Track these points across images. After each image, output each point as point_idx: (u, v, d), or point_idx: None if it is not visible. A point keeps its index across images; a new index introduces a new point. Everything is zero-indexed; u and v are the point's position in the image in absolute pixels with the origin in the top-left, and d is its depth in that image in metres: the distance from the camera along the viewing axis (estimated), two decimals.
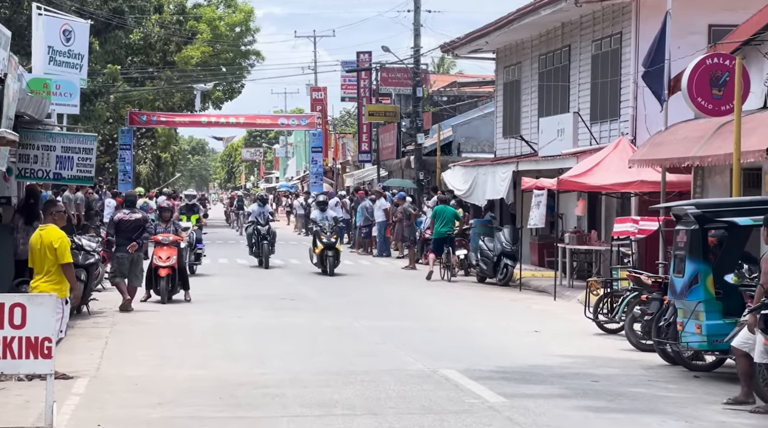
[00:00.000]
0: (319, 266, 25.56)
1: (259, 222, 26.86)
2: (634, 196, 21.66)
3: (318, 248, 25.36)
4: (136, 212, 18.25)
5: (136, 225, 17.88)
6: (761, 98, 17.56)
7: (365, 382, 11.29)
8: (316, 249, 25.49)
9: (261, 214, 27.32)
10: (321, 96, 57.85)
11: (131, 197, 19.35)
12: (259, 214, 27.33)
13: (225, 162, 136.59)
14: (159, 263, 18.56)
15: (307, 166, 66.36)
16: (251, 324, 16.24)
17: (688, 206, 12.47)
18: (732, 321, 11.61)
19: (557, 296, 20.75)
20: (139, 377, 11.60)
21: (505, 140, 31.45)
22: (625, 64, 23.44)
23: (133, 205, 18.80)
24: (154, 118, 49.59)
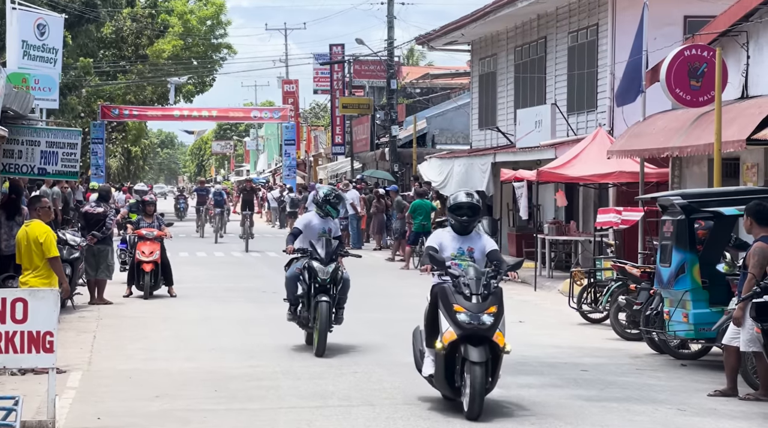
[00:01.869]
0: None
1: (316, 254, 12.81)
2: (612, 187, 21.85)
3: None
4: (100, 206, 18.18)
5: (98, 218, 17.82)
6: (738, 89, 17.74)
7: (358, 374, 11.36)
8: None
9: (323, 233, 13.06)
10: (293, 89, 57.82)
11: (103, 191, 19.36)
12: (320, 233, 13.05)
13: (195, 155, 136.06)
14: (142, 258, 18.49)
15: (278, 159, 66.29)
16: (238, 317, 16.26)
17: (674, 197, 12.62)
18: (718, 309, 11.77)
19: (537, 287, 20.89)
20: (132, 370, 11.61)
21: (481, 131, 31.58)
22: (601, 56, 23.61)
23: (104, 199, 18.76)
24: (126, 112, 49.38)
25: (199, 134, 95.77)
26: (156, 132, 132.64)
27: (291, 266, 13.05)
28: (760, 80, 17.38)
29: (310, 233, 12.84)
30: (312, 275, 12.53)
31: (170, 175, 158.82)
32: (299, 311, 12.81)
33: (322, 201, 13.12)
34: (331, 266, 12.54)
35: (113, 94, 50.80)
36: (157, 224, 19.19)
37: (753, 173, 17.59)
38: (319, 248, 12.66)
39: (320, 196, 13.23)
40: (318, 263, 12.56)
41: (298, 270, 12.74)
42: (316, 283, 12.51)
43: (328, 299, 12.40)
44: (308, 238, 12.85)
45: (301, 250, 12.72)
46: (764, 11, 17.02)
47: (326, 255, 12.64)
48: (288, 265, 13.18)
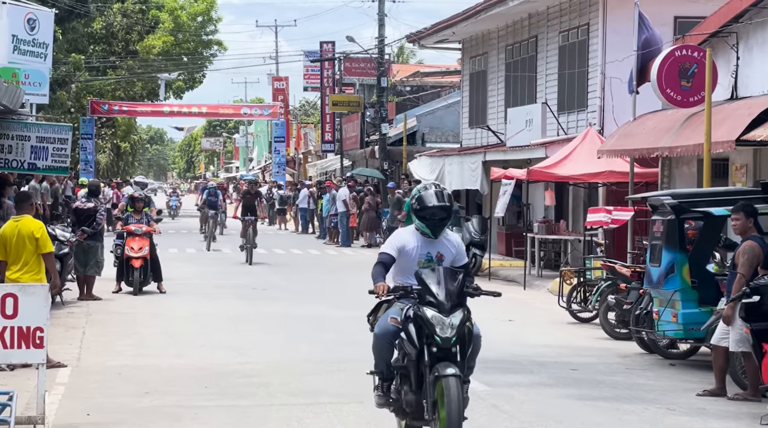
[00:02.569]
0: None
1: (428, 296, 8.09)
2: (602, 186, 21.89)
3: None
4: (90, 201, 18.12)
5: (88, 214, 17.76)
6: (728, 90, 17.80)
7: (348, 371, 11.36)
8: None
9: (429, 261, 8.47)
10: (283, 86, 57.76)
11: (93, 186, 19.30)
12: (423, 261, 8.43)
13: (184, 152, 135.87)
14: (131, 253, 18.41)
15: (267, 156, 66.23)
16: (227, 313, 16.25)
17: (664, 196, 12.65)
18: (707, 309, 11.82)
19: (527, 286, 20.93)
20: (122, 366, 11.60)
21: (471, 130, 31.60)
22: (592, 55, 23.64)
23: (95, 194, 18.70)
24: (116, 107, 49.31)
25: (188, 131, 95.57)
26: (145, 128, 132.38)
27: (382, 316, 8.14)
28: (749, 81, 17.44)
29: (407, 261, 8.11)
30: (422, 332, 7.72)
31: (159, 171, 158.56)
32: (398, 391, 8.13)
33: (430, 208, 7.97)
34: (457, 316, 7.68)
35: (103, 90, 50.64)
36: (146, 219, 19.09)
37: (742, 174, 17.65)
38: (432, 285, 7.76)
39: (426, 198, 7.99)
40: (433, 310, 7.66)
41: (396, 323, 7.92)
42: (433, 345, 7.66)
43: (455, 371, 7.64)
44: (405, 269, 8.13)
45: (400, 290, 7.94)
46: (754, 13, 17.08)
47: (447, 296, 7.72)
48: (374, 312, 8.29)
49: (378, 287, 7.91)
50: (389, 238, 8.33)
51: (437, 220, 7.98)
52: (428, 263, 8.04)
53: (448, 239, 8.20)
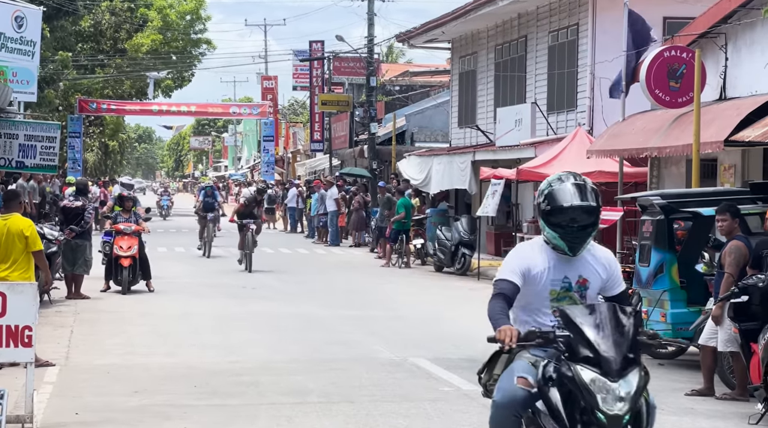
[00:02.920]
0: None
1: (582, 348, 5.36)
2: None
3: None
4: (78, 200, 18.06)
5: (76, 212, 17.71)
6: (717, 90, 17.86)
7: (337, 370, 11.36)
8: None
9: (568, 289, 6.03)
10: (272, 85, 57.75)
11: (81, 185, 19.23)
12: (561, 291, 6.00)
13: (173, 151, 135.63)
14: (120, 252, 18.34)
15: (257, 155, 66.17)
16: (216, 312, 16.23)
17: (653, 197, 12.69)
18: (696, 309, 11.86)
19: None
20: (110, 365, 11.57)
21: (460, 129, 31.63)
22: (582, 56, 23.69)
23: (83, 193, 18.62)
24: (104, 106, 49.19)
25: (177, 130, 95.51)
26: (133, 127, 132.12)
27: (503, 374, 5.71)
28: (737, 82, 17.50)
29: (533, 290, 5.73)
30: (573, 404, 5.22)
31: (148, 170, 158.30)
32: None
33: (569, 211, 5.58)
34: (630, 381, 5.20)
35: (91, 88, 50.49)
36: (135, 218, 19.02)
37: (730, 174, 17.71)
38: (588, 330, 5.24)
39: (562, 196, 5.63)
40: (593, 370, 5.16)
41: (526, 386, 5.49)
42: (593, 425, 5.13)
43: None
44: (531, 302, 5.79)
45: (538, 336, 5.43)
46: (742, 14, 17.14)
47: (614, 349, 5.22)
48: (488, 367, 5.96)
49: (502, 333, 5.32)
50: (507, 257, 5.79)
51: (577, 229, 5.52)
52: (566, 293, 5.66)
53: (595, 255, 5.72)
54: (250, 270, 22.98)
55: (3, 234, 10.99)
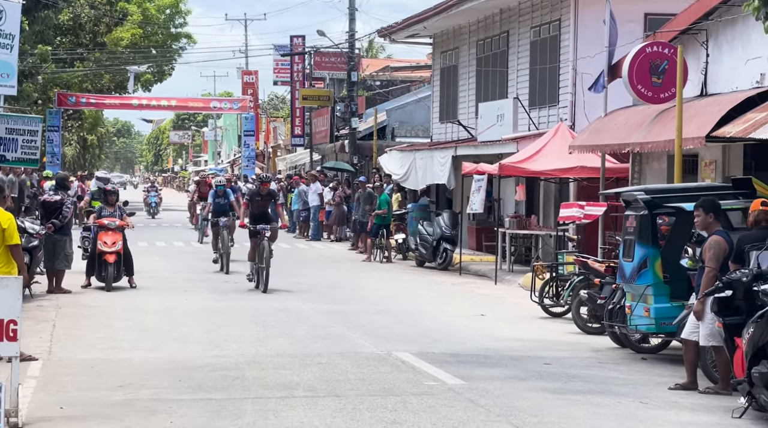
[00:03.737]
0: None
1: None
2: (572, 181, 21.99)
3: None
4: (57, 194, 17.92)
5: (55, 207, 17.57)
6: (698, 86, 17.93)
7: (322, 365, 11.35)
8: None
9: None
10: (252, 80, 57.63)
11: (59, 179, 19.09)
12: None
13: (152, 145, 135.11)
14: (104, 248, 18.02)
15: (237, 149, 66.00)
16: (199, 307, 16.19)
17: (637, 192, 12.72)
18: (679, 304, 11.91)
19: (498, 281, 20.99)
20: (94, 360, 11.51)
21: (441, 124, 31.65)
22: (564, 51, 23.74)
23: (63, 187, 18.45)
24: (84, 99, 48.98)
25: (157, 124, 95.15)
26: (112, 121, 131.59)
27: None
28: (718, 78, 17.58)
29: None
30: None
31: (126, 164, 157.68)
32: None
33: None
34: None
35: (70, 82, 50.23)
36: (119, 213, 18.75)
37: (711, 170, 17.79)
38: None
39: None
40: None
41: None
42: None
43: None
44: None
45: None
46: (723, 10, 17.20)
47: None
48: None
49: None
50: None
51: None
52: None
53: None
54: (266, 290, 18.15)
55: None
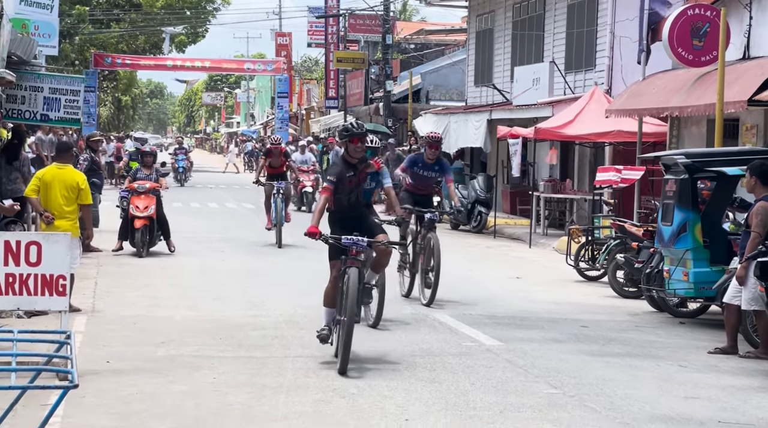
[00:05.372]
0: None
1: None
2: (608, 145, 21.89)
3: None
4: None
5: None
6: (740, 49, 17.78)
7: (361, 325, 11.41)
8: None
9: None
10: (286, 41, 57.58)
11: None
12: None
13: (184, 106, 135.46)
14: (136, 213, 17.26)
15: (270, 111, 66.07)
16: (237, 267, 16.31)
17: (677, 156, 12.66)
18: (719, 268, 11.88)
19: (532, 244, 20.99)
20: (136, 317, 11.67)
21: (476, 88, 31.54)
22: (601, 14, 23.55)
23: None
24: (119, 60, 49.14)
25: (190, 85, 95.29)
26: (146, 82, 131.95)
27: None
28: (761, 41, 17.41)
29: None
30: None
31: (159, 125, 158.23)
32: None
33: None
34: None
35: (106, 43, 50.44)
36: (155, 176, 18.07)
37: (752, 134, 17.66)
38: None
39: None
40: None
41: None
42: None
43: None
44: None
45: None
46: None
47: None
48: None
49: None
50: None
51: None
52: None
53: None
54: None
55: (55, 182, 11.15)
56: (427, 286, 12.93)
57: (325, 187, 9.49)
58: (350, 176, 9.58)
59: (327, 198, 9.39)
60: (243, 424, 7.37)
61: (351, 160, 9.66)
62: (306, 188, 28.10)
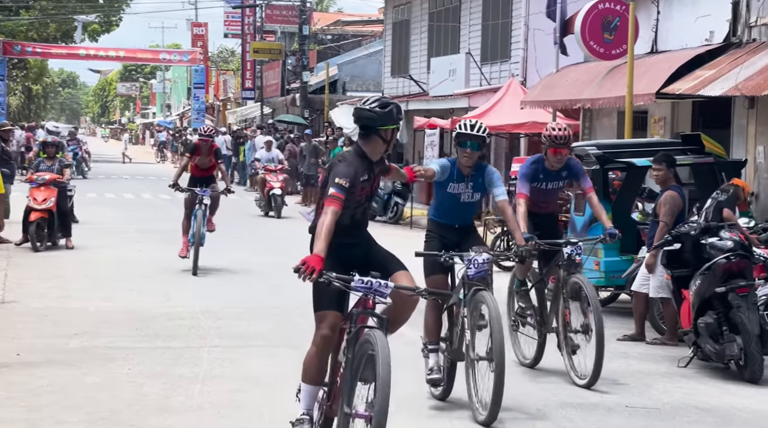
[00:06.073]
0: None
1: None
2: (523, 137, 22.17)
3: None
4: None
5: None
6: (649, 43, 18.16)
7: (278, 315, 11.45)
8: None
9: None
10: (202, 32, 57.08)
11: (2, 129, 18.74)
12: None
13: (98, 96, 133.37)
14: (33, 205, 16.49)
15: (186, 102, 65.46)
16: (152, 258, 16.17)
17: (589, 147, 12.90)
18: (628, 257, 12.13)
19: None
20: (47, 308, 11.51)
21: (393, 79, 31.66)
22: (516, 6, 23.83)
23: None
24: (29, 49, 48.26)
25: (104, 75, 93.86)
26: (57, 71, 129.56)
27: None
28: (668, 35, 17.81)
29: None
30: None
31: (72, 115, 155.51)
32: None
33: None
34: None
35: (15, 31, 49.43)
36: (59, 166, 17.39)
37: (660, 126, 18.06)
38: None
39: None
40: None
41: None
42: None
43: None
44: None
45: None
46: None
47: None
48: None
49: None
50: None
51: None
52: None
53: None
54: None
55: None
56: (572, 351, 8.90)
57: (334, 196, 6.09)
58: (363, 182, 6.32)
59: (337, 213, 6.06)
60: (159, 415, 7.35)
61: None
62: (274, 190, 24.41)
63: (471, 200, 8.11)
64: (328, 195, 6.11)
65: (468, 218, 8.22)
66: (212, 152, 15.08)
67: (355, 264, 6.17)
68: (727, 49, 15.94)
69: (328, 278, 5.80)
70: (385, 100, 6.44)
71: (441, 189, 8.15)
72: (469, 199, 8.09)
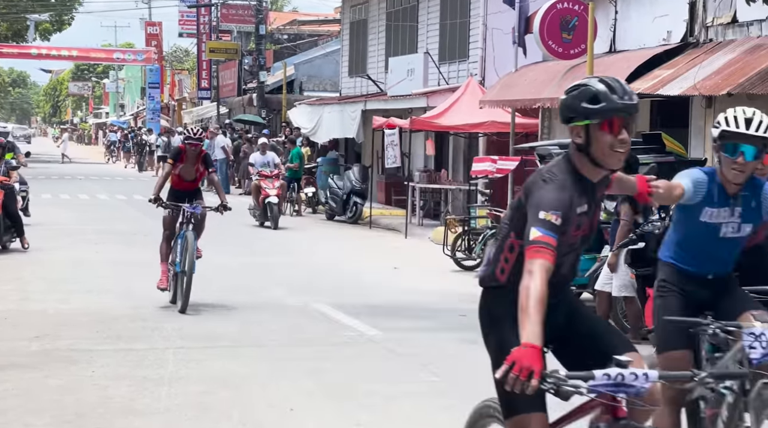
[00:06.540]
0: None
1: None
2: (482, 136, 22.22)
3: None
4: None
5: None
6: (607, 43, 18.26)
7: (242, 316, 11.36)
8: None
9: None
10: (156, 31, 56.69)
11: None
12: None
13: (49, 96, 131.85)
14: None
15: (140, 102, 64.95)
16: (111, 259, 16.00)
17: (552, 146, 12.94)
18: (591, 256, 12.17)
19: (408, 235, 21.15)
20: (6, 311, 11.33)
21: (351, 79, 31.61)
22: (474, 6, 23.86)
23: None
24: None
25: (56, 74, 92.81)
26: (7, 71, 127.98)
27: None
28: (626, 35, 17.92)
29: None
30: None
31: (23, 115, 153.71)
32: None
33: None
34: None
35: None
36: (4, 169, 16.96)
37: None
38: None
39: None
40: None
41: None
42: None
43: None
44: None
45: None
46: None
47: None
48: None
49: None
50: None
51: None
52: None
53: None
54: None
55: None
56: None
57: (542, 243, 4.02)
58: (580, 216, 4.27)
59: (549, 269, 4.01)
60: (124, 417, 7.25)
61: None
62: (270, 198, 22.02)
63: (736, 235, 5.36)
64: (531, 242, 4.00)
65: (728, 263, 5.47)
66: (200, 159, 12.24)
67: (553, 334, 4.27)
68: (684, 49, 16.07)
69: (556, 381, 3.74)
70: (611, 81, 4.20)
71: (689, 217, 5.39)
72: (734, 233, 5.34)
